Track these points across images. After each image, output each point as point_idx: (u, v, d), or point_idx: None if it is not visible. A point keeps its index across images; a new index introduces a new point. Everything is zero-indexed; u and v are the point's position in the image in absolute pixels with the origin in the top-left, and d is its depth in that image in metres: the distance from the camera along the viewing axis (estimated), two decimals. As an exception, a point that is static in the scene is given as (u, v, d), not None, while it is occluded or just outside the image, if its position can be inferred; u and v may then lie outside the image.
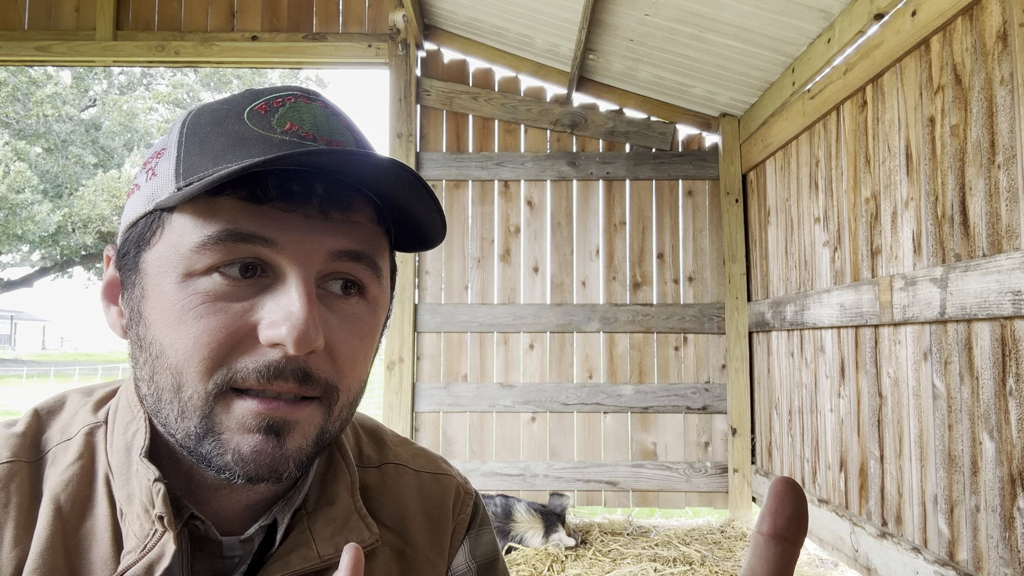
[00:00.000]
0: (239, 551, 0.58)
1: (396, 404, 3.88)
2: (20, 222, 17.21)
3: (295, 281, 0.51)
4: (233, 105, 0.54)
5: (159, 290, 0.52)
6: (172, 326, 0.50)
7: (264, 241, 0.50)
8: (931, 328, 2.15)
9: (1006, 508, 1.82)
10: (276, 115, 0.53)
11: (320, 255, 0.52)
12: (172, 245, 0.51)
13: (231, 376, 0.50)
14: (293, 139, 0.52)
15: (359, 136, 0.57)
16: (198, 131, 0.53)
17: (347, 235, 0.53)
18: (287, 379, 0.50)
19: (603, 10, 3.23)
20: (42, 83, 18.02)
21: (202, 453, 0.51)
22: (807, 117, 3.03)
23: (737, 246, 3.93)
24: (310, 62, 4.12)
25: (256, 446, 0.50)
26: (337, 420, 0.55)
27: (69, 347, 52.95)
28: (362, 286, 0.56)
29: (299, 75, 23.19)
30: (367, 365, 0.57)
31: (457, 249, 4.06)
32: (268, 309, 0.50)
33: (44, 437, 0.59)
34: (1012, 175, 1.80)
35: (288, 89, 0.56)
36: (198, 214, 0.50)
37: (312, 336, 0.49)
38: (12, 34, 3.99)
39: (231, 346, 0.50)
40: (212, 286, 0.50)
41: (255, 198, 0.50)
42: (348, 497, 0.63)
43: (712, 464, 3.91)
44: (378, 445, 0.72)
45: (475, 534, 0.73)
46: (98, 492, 0.56)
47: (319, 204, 0.52)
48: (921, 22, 2.17)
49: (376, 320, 0.57)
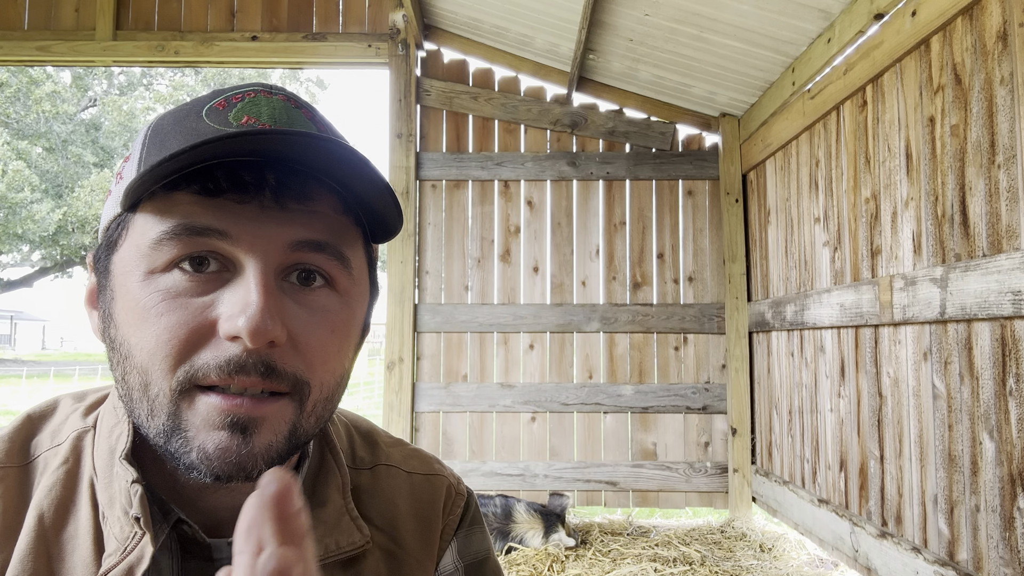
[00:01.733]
0: (227, 554, 0.57)
1: (396, 404, 3.88)
2: (20, 221, 17.21)
3: (252, 272, 0.50)
4: (194, 105, 0.54)
5: (124, 290, 0.52)
6: (137, 325, 0.50)
7: (219, 234, 0.50)
8: (931, 328, 2.15)
9: (1006, 508, 1.82)
10: (234, 110, 0.53)
11: (278, 245, 0.51)
12: (135, 244, 0.51)
13: (193, 372, 0.49)
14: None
15: (324, 127, 0.56)
16: (160, 132, 0.53)
17: (306, 225, 0.52)
18: (249, 373, 0.49)
19: (603, 10, 3.23)
20: (41, 82, 18.01)
21: (171, 451, 0.50)
22: (807, 117, 3.03)
23: (737, 246, 3.94)
24: (310, 62, 4.12)
25: (221, 443, 0.49)
26: (311, 416, 0.54)
27: (69, 347, 52.94)
28: (329, 277, 0.54)
29: (299, 75, 23.15)
30: (342, 359, 0.56)
31: (457, 249, 4.06)
32: (226, 303, 0.50)
33: (34, 442, 0.59)
34: (1012, 175, 1.80)
35: (250, 85, 0.55)
36: (156, 212, 0.50)
37: (268, 327, 0.48)
38: (12, 34, 3.98)
39: (193, 342, 0.49)
40: (172, 283, 0.50)
41: (208, 191, 0.50)
42: (339, 498, 0.63)
43: (712, 464, 3.91)
44: (371, 447, 0.72)
45: (464, 534, 0.73)
46: (81, 496, 0.56)
47: (272, 194, 0.51)
48: (921, 22, 2.17)
49: (350, 313, 0.56)
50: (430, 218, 4.07)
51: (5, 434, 0.59)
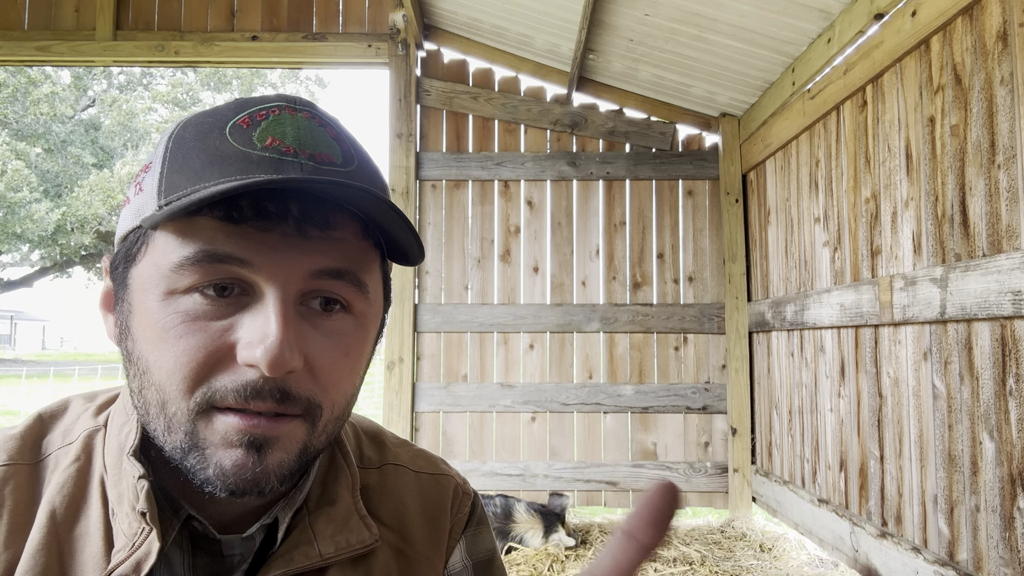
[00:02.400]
0: (239, 549, 0.58)
1: (396, 404, 3.88)
2: (18, 221, 17.20)
3: (272, 302, 0.51)
4: (217, 118, 0.54)
5: (143, 307, 0.52)
6: (155, 344, 0.51)
7: (240, 262, 0.50)
8: (931, 328, 2.15)
9: (1006, 508, 1.82)
10: (258, 129, 0.52)
11: (299, 274, 0.52)
12: (155, 263, 0.52)
13: (211, 395, 0.50)
14: (273, 155, 0.51)
15: (348, 146, 0.56)
16: (182, 146, 0.53)
17: (327, 253, 0.53)
18: (265, 399, 0.50)
19: (603, 10, 3.23)
20: (39, 82, 18.00)
21: (187, 466, 0.51)
22: (807, 117, 3.04)
23: (737, 246, 3.94)
24: (310, 62, 4.12)
25: (237, 461, 0.50)
26: (322, 435, 0.55)
27: (69, 347, 52.92)
28: (346, 303, 0.55)
29: (299, 75, 23.14)
30: (354, 379, 0.57)
31: (457, 249, 4.06)
32: (246, 329, 0.50)
33: (46, 440, 0.60)
34: (1012, 175, 1.80)
35: (274, 100, 0.55)
36: (178, 234, 0.51)
37: (287, 359, 0.49)
38: (12, 34, 3.98)
39: (210, 365, 0.50)
40: (192, 305, 0.51)
41: (231, 219, 0.50)
42: (349, 497, 0.64)
43: (712, 464, 3.91)
44: (378, 447, 0.73)
45: (472, 533, 0.74)
46: (92, 494, 0.56)
47: (295, 223, 0.51)
48: (921, 22, 2.17)
49: (364, 334, 0.57)
50: (430, 218, 4.07)
51: (17, 432, 0.60)
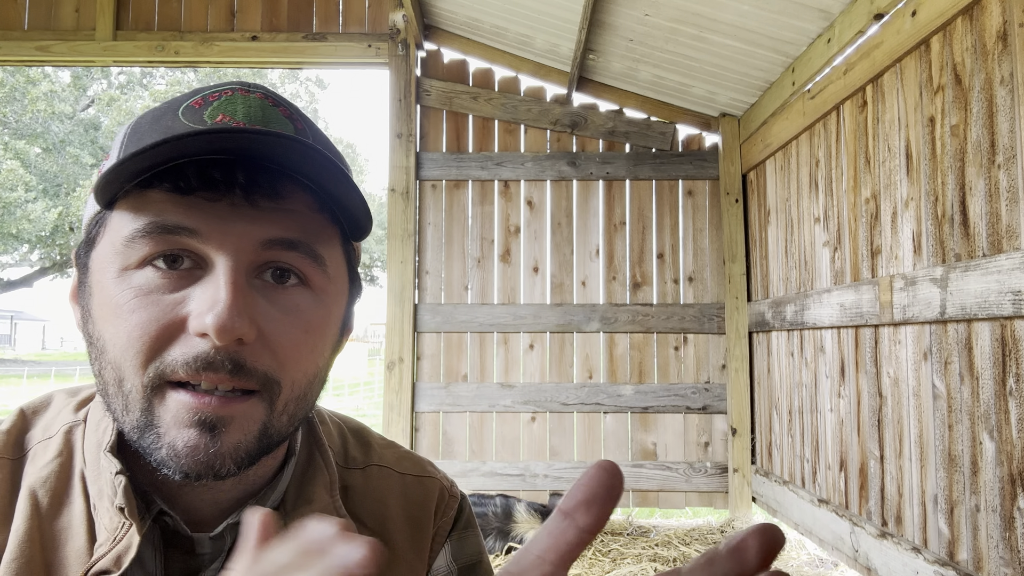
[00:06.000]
0: (209, 548, 0.58)
1: (396, 404, 3.88)
2: (15, 221, 17.19)
3: (221, 270, 0.50)
4: (172, 103, 0.54)
5: (100, 286, 0.52)
6: (110, 321, 0.51)
7: (189, 232, 0.50)
8: (931, 328, 2.15)
9: (1006, 508, 1.82)
10: (209, 108, 0.53)
11: (249, 244, 0.51)
12: (111, 241, 0.52)
13: (163, 368, 0.50)
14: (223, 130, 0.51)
15: (303, 124, 0.56)
16: (138, 130, 0.54)
17: (278, 223, 0.52)
18: (217, 370, 0.49)
19: (603, 10, 3.23)
20: (38, 82, 17.99)
21: (144, 446, 0.51)
22: (807, 117, 3.04)
23: (737, 246, 3.94)
24: (310, 62, 4.12)
25: (190, 442, 0.50)
26: (283, 415, 0.54)
27: (69, 347, 52.91)
28: (303, 276, 0.54)
29: (299, 75, 23.16)
30: (316, 359, 0.56)
31: (457, 249, 4.06)
32: (196, 300, 0.50)
33: (28, 435, 0.60)
34: (1012, 175, 1.80)
35: (229, 84, 0.56)
36: (130, 209, 0.51)
37: (235, 324, 0.48)
38: (12, 34, 3.98)
39: (164, 339, 0.50)
40: (144, 280, 0.50)
41: (180, 189, 0.50)
42: (326, 496, 0.63)
43: (712, 464, 3.91)
44: (364, 448, 0.72)
45: (458, 537, 0.73)
46: (74, 488, 0.57)
47: (243, 192, 0.51)
48: (921, 22, 2.17)
49: (325, 311, 0.56)
50: (430, 218, 4.07)
51: (1, 428, 0.60)
